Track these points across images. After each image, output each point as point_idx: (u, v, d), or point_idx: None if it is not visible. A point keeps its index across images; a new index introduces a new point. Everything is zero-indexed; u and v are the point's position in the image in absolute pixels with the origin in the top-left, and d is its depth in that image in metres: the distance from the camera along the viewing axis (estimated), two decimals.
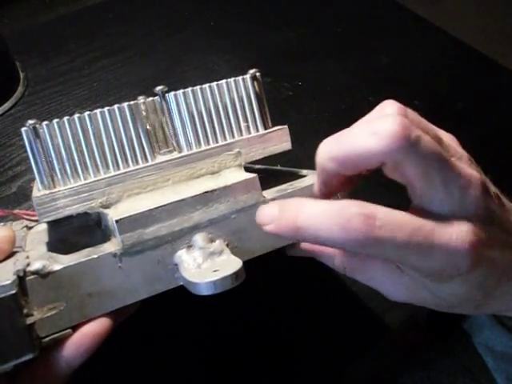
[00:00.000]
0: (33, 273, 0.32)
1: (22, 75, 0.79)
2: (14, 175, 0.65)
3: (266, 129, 0.42)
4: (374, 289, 0.37)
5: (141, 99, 0.38)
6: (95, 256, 0.34)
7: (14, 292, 0.30)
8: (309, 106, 0.74)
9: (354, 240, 0.28)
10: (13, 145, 0.68)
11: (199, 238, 0.36)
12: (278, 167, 0.54)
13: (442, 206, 0.31)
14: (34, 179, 0.36)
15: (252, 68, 0.42)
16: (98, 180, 0.36)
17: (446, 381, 0.65)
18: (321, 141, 0.33)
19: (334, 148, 0.31)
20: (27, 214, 0.41)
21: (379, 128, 0.29)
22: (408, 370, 0.69)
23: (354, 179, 0.35)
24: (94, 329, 0.34)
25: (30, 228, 0.43)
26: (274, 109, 0.44)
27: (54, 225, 0.37)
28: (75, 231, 0.40)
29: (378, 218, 0.29)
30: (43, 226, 0.43)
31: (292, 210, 0.31)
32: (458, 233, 0.30)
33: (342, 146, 0.31)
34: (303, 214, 0.30)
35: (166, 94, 0.38)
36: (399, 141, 0.29)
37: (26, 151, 0.36)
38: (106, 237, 0.37)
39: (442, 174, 0.30)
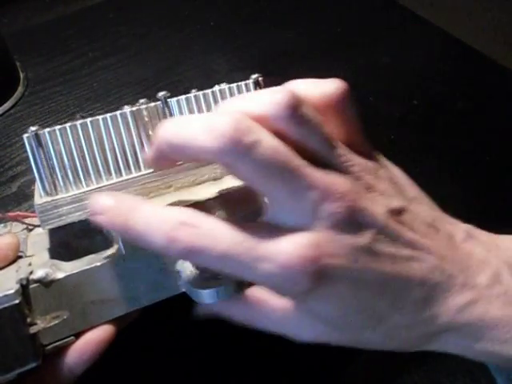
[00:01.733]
0: (36, 281, 0.32)
1: (22, 75, 0.79)
2: (13, 175, 0.64)
3: None
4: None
5: (142, 103, 0.38)
6: (98, 264, 0.34)
7: (17, 301, 0.30)
8: None
9: (175, 248, 0.28)
10: (13, 145, 0.68)
11: None
12: None
13: (288, 217, 0.30)
14: (34, 180, 0.36)
15: (252, 68, 0.42)
16: (100, 187, 0.36)
17: (446, 381, 0.65)
18: None
19: (173, 134, 0.29)
20: (27, 217, 0.41)
21: (214, 125, 0.27)
22: (408, 369, 0.69)
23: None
24: (96, 336, 0.34)
25: (30, 230, 0.43)
26: None
27: (55, 228, 0.37)
28: (76, 235, 0.40)
29: (199, 228, 0.28)
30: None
31: (126, 207, 0.30)
32: (294, 246, 0.28)
33: (179, 135, 0.29)
34: (136, 214, 0.29)
35: (169, 100, 0.38)
36: (229, 143, 0.27)
37: (26, 151, 0.36)
38: (107, 241, 0.37)
39: (288, 185, 0.28)
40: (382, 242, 0.30)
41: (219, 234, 0.28)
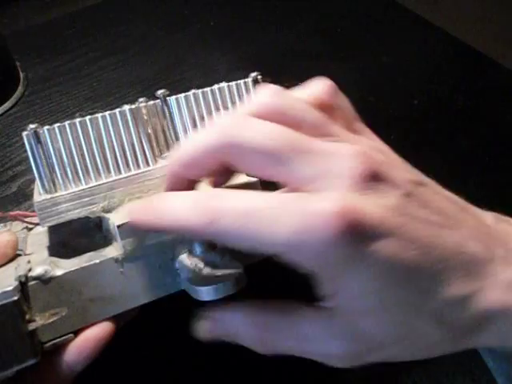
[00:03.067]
0: (34, 278, 0.32)
1: (22, 75, 0.79)
2: (13, 175, 0.65)
3: None
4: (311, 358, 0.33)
5: (142, 102, 0.38)
6: (97, 261, 0.34)
7: (16, 298, 0.30)
8: None
9: (205, 219, 0.28)
10: (13, 145, 0.68)
11: (200, 243, 0.36)
12: None
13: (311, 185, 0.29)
14: (33, 179, 0.36)
15: (252, 68, 0.42)
16: (99, 184, 0.36)
17: (446, 381, 0.65)
18: None
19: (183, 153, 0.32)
20: (27, 216, 0.41)
21: (218, 126, 0.30)
22: (407, 369, 0.69)
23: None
24: (96, 333, 0.34)
25: (30, 229, 0.43)
26: None
27: (54, 227, 0.37)
28: (76, 233, 0.40)
29: (222, 195, 0.29)
30: (44, 228, 0.43)
31: (156, 200, 0.31)
32: (323, 201, 0.27)
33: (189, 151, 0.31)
34: (167, 201, 0.30)
35: (168, 98, 0.38)
36: (223, 139, 0.29)
37: (25, 151, 0.36)
38: (106, 240, 0.37)
39: (305, 155, 0.29)
40: (411, 205, 0.29)
41: (242, 194, 0.29)
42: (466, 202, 0.34)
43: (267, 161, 0.29)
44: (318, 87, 0.33)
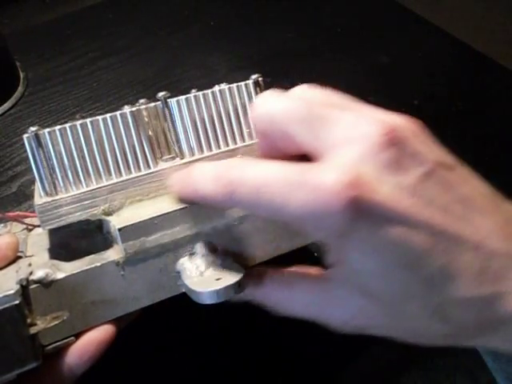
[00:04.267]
0: (36, 282, 0.32)
1: (22, 75, 0.79)
2: (13, 175, 0.65)
3: None
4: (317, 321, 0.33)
5: (142, 104, 0.38)
6: (98, 264, 0.34)
7: (17, 302, 0.30)
8: None
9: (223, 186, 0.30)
10: (13, 145, 0.68)
11: (202, 246, 0.36)
12: None
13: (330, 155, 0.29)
14: (34, 180, 0.36)
15: (252, 68, 0.42)
16: (100, 187, 0.36)
17: (446, 381, 0.65)
18: None
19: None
20: (27, 217, 0.41)
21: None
22: (408, 369, 0.69)
23: None
24: (97, 336, 0.34)
25: (30, 230, 0.43)
26: None
27: (55, 228, 0.37)
28: (76, 235, 0.40)
29: (238, 165, 0.30)
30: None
31: (186, 171, 0.34)
32: (330, 171, 0.27)
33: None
34: (195, 171, 0.33)
35: (168, 100, 0.38)
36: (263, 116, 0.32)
37: (25, 151, 0.36)
38: (107, 242, 0.37)
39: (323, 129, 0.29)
40: (430, 186, 0.27)
41: (258, 166, 0.29)
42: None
43: (293, 129, 0.30)
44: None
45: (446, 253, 0.27)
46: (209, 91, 0.39)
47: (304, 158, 0.31)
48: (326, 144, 0.29)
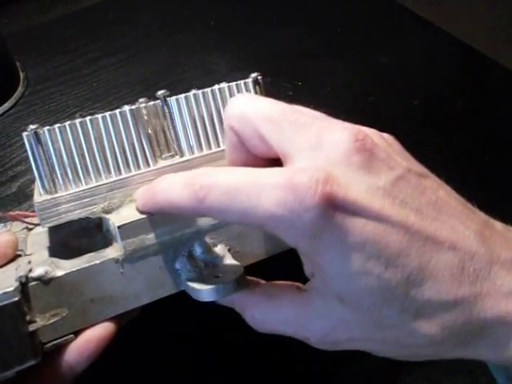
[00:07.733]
0: (35, 279, 0.32)
1: (22, 75, 0.79)
2: (13, 175, 0.64)
3: None
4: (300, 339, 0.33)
5: (142, 102, 0.38)
6: (97, 262, 0.34)
7: (16, 299, 0.30)
8: (309, 106, 0.74)
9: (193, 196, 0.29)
10: (13, 145, 0.68)
11: (201, 244, 0.36)
12: None
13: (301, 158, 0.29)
14: (34, 179, 0.36)
15: (252, 68, 0.42)
16: (99, 185, 0.36)
17: (446, 381, 0.65)
18: None
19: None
20: (27, 216, 0.41)
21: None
22: (408, 369, 0.69)
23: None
24: (97, 334, 0.34)
25: (30, 229, 0.43)
26: None
27: (54, 227, 0.37)
28: (76, 234, 0.40)
29: (208, 174, 0.30)
30: (44, 228, 0.43)
31: (154, 182, 0.34)
32: (301, 170, 0.27)
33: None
34: (162, 182, 0.32)
35: (168, 99, 0.38)
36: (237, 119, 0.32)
37: (25, 151, 0.36)
38: (107, 240, 0.37)
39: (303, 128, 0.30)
40: (404, 189, 0.28)
41: (228, 171, 0.29)
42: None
43: (265, 128, 0.30)
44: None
45: (422, 252, 0.27)
46: (208, 90, 0.39)
47: (274, 164, 0.31)
48: (298, 147, 0.29)
